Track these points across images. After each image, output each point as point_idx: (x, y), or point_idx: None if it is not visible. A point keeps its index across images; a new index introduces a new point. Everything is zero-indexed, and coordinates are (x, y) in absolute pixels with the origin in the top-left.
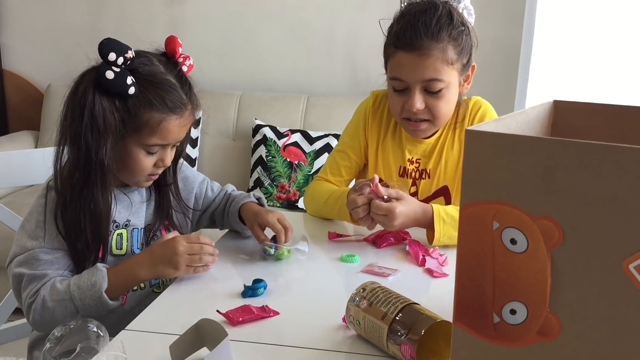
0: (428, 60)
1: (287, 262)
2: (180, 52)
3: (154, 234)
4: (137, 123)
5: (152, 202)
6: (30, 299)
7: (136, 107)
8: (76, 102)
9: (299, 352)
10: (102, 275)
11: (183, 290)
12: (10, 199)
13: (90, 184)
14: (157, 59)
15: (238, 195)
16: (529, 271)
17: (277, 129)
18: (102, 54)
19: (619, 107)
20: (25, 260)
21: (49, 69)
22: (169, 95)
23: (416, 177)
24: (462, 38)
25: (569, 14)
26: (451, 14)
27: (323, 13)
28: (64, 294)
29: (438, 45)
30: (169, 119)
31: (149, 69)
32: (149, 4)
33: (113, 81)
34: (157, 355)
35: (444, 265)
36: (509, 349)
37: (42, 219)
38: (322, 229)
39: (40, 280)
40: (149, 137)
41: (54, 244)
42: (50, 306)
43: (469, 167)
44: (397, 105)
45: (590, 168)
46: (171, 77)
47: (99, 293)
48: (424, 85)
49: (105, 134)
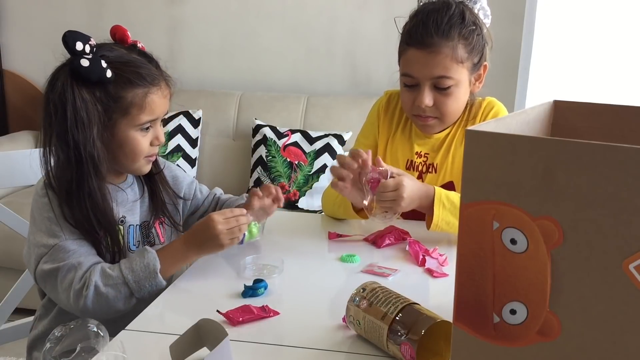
0: (438, 57)
1: (287, 262)
2: (129, 37)
3: (149, 230)
4: (124, 105)
5: (146, 199)
6: (77, 286)
7: (118, 90)
8: (56, 99)
9: (299, 352)
10: (153, 256)
11: (183, 290)
12: (10, 199)
13: (85, 178)
14: (115, 45)
15: (229, 199)
16: (529, 271)
17: (277, 129)
18: (68, 46)
19: (619, 107)
20: (54, 256)
21: (49, 69)
22: (143, 70)
23: (423, 170)
24: (473, 37)
25: (569, 14)
26: (463, 14)
27: (323, 13)
28: (117, 278)
29: (448, 43)
30: (152, 91)
31: (114, 54)
32: (149, 4)
33: (89, 68)
34: (157, 355)
35: (444, 265)
36: (509, 349)
37: (53, 216)
38: (322, 229)
39: (79, 268)
40: (138, 116)
41: (74, 235)
42: (104, 291)
43: (469, 167)
44: (408, 101)
45: (590, 168)
46: (136, 55)
47: (154, 273)
48: (433, 82)
49: (90, 125)
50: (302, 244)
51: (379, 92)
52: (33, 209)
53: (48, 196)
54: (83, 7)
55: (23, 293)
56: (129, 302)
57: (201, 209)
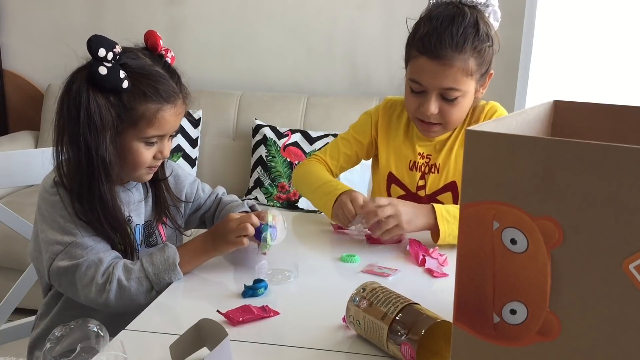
0: (449, 70)
1: (287, 262)
2: (161, 45)
3: (153, 230)
4: (134, 116)
5: (150, 199)
6: (100, 281)
7: (131, 100)
8: (71, 101)
9: (299, 352)
10: (173, 250)
11: (183, 290)
12: (10, 199)
13: (96, 182)
14: (142, 52)
15: (230, 202)
16: (529, 271)
17: (277, 129)
18: (91, 51)
19: (619, 107)
20: (71, 253)
21: (49, 69)
22: (161, 86)
23: (425, 171)
24: (485, 50)
25: (569, 14)
26: (477, 24)
27: (323, 13)
28: (139, 272)
29: (461, 56)
30: (164, 108)
31: (137, 63)
32: (149, 4)
33: (106, 77)
34: (157, 355)
35: (444, 265)
36: (509, 349)
37: (66, 213)
38: (322, 229)
39: (100, 264)
40: (146, 129)
41: (89, 232)
42: (126, 285)
43: (469, 167)
44: (413, 105)
45: (590, 168)
46: (159, 69)
47: (174, 266)
48: (441, 92)
49: (104, 130)
50: (302, 244)
51: (379, 92)
52: (42, 207)
53: (59, 194)
54: (83, 7)
55: (23, 293)
56: (150, 296)
57: (203, 208)
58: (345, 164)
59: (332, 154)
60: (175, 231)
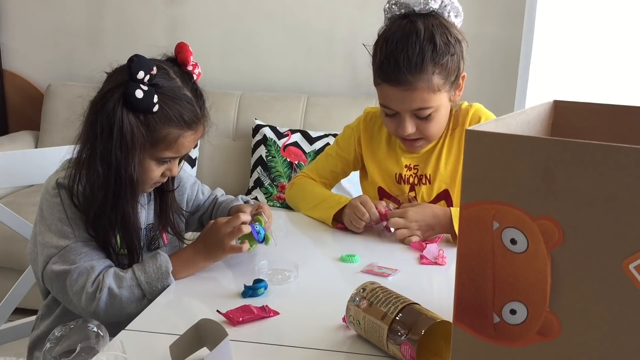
0: (414, 93)
1: (287, 262)
2: (190, 61)
3: (154, 234)
4: (155, 137)
5: (152, 204)
6: (90, 289)
7: (155, 122)
8: (104, 119)
9: (299, 352)
10: (165, 259)
11: (183, 290)
12: (10, 199)
13: (121, 200)
14: (173, 70)
15: (225, 200)
16: (529, 271)
17: (277, 129)
18: (131, 71)
19: (619, 107)
20: (65, 257)
21: (49, 69)
22: (187, 112)
23: (414, 182)
24: (448, 61)
25: (569, 14)
26: (433, 38)
27: (323, 13)
28: (130, 280)
29: (422, 76)
30: (186, 134)
31: (169, 84)
32: (149, 4)
33: (141, 100)
34: (157, 355)
35: (442, 263)
36: (509, 349)
37: (65, 217)
38: (322, 229)
39: (91, 271)
40: (163, 151)
41: (85, 237)
42: (117, 293)
43: (469, 167)
44: (391, 126)
45: (590, 168)
46: (187, 91)
47: (167, 274)
48: (413, 112)
49: (133, 149)
50: (302, 244)
51: None
52: (43, 207)
53: (60, 196)
54: (83, 7)
55: (23, 293)
56: (141, 304)
57: (201, 209)
58: (333, 180)
59: (319, 172)
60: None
